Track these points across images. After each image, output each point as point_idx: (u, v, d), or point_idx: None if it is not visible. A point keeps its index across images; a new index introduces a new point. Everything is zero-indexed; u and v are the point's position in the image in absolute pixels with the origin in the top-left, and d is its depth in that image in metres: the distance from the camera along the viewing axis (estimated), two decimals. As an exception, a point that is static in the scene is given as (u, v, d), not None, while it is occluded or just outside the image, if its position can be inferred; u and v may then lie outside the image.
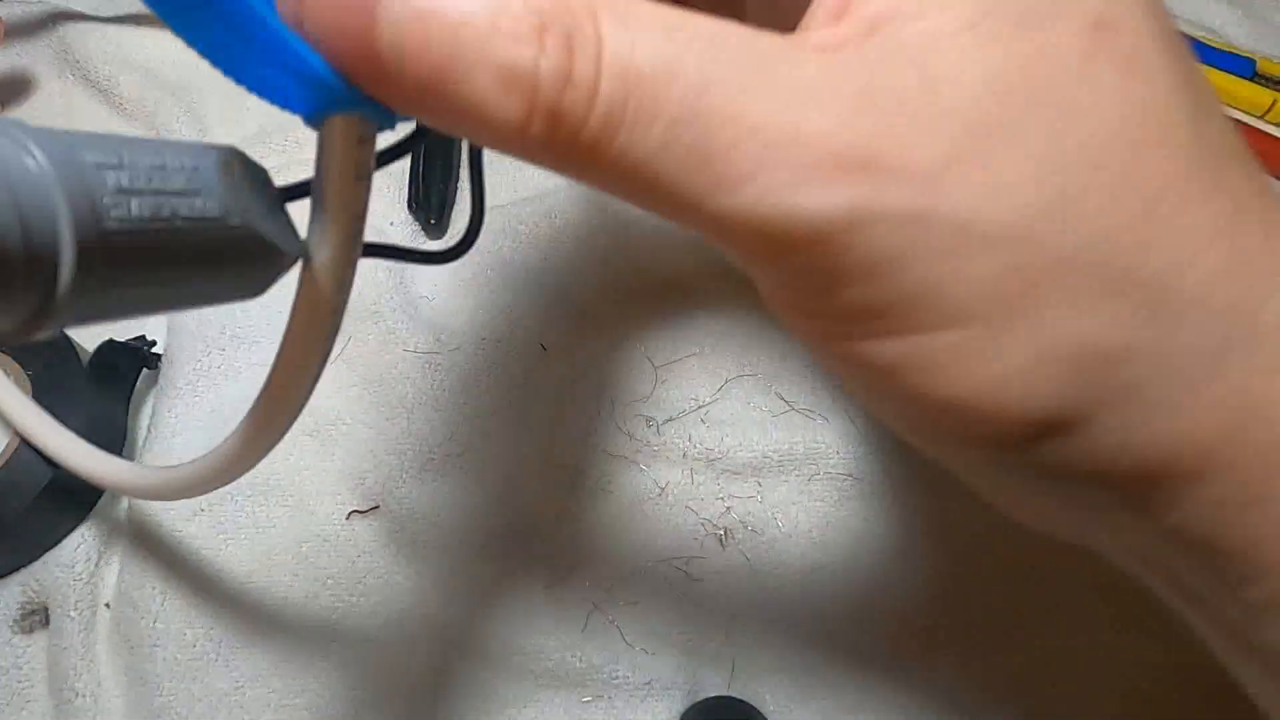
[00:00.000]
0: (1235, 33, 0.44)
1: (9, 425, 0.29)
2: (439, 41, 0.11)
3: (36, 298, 0.10)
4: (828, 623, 0.30)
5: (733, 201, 0.11)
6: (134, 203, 0.11)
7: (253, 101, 0.14)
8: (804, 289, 0.13)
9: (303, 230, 0.14)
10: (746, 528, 0.31)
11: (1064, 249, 0.11)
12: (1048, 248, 0.11)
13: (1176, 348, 0.12)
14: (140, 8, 0.39)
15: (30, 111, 0.38)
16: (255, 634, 0.29)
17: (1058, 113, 0.12)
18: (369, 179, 0.13)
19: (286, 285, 0.14)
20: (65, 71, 0.38)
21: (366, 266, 0.33)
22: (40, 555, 0.31)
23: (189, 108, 0.37)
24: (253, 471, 0.31)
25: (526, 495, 0.31)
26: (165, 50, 0.38)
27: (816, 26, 0.12)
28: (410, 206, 0.35)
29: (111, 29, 0.38)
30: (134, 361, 0.32)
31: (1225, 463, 0.12)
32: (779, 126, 0.11)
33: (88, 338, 0.33)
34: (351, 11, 0.11)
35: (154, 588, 0.29)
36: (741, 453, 0.32)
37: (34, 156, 0.10)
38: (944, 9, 0.12)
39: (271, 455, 0.30)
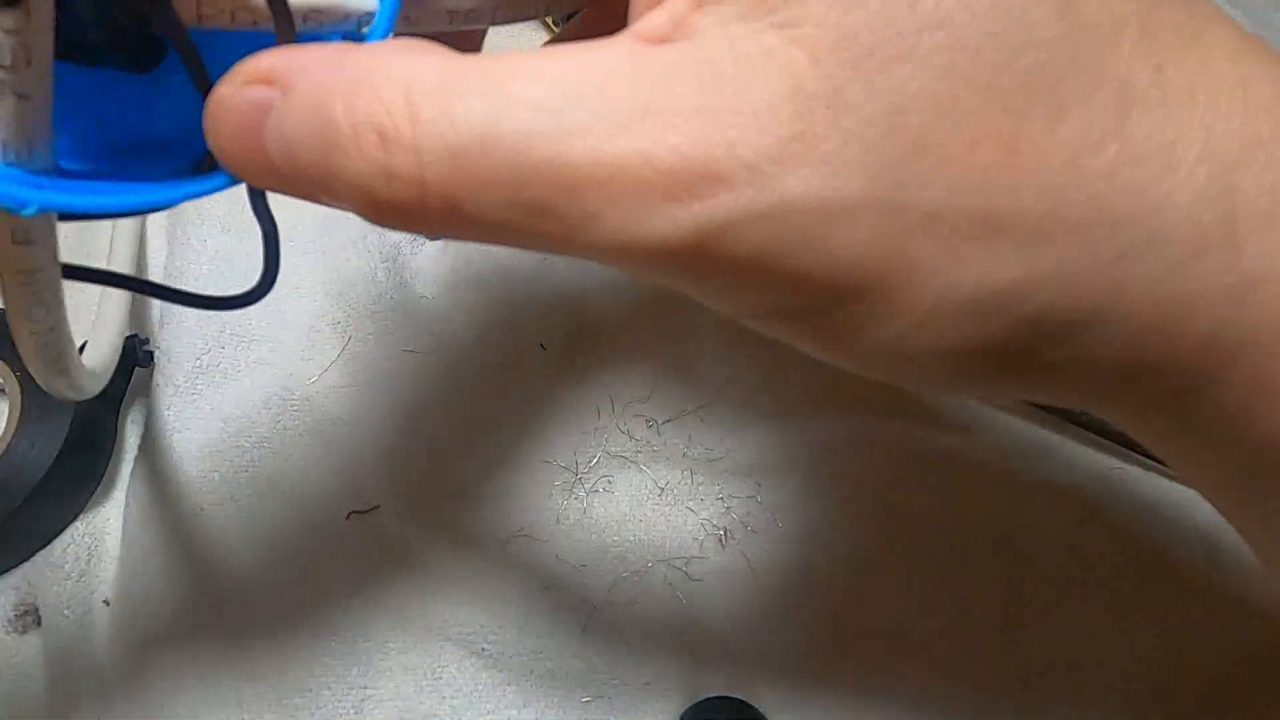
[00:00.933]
0: (1233, 34, 0.44)
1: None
2: (308, 165, 0.12)
3: None
4: (827, 622, 0.30)
5: (590, 239, 0.11)
6: None
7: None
8: (708, 295, 0.13)
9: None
10: (746, 528, 0.31)
11: (924, 204, 0.11)
12: (906, 208, 0.11)
13: (1089, 264, 0.11)
14: None
15: None
16: (255, 633, 0.29)
17: (882, 70, 0.11)
18: (39, 249, 0.14)
19: (286, 288, 0.14)
20: None
21: (367, 267, 0.33)
22: (31, 555, 0.31)
23: None
24: (253, 470, 0.31)
25: (526, 495, 0.31)
26: None
27: (639, 13, 0.12)
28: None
29: None
30: (127, 360, 0.32)
31: (1222, 354, 0.12)
32: (606, 164, 0.11)
33: (77, 335, 0.32)
34: (246, 134, 0.12)
35: (154, 586, 0.29)
36: (741, 453, 0.32)
37: None
38: None
39: (272, 455, 0.30)
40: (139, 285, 0.20)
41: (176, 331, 0.33)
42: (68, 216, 0.13)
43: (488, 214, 0.11)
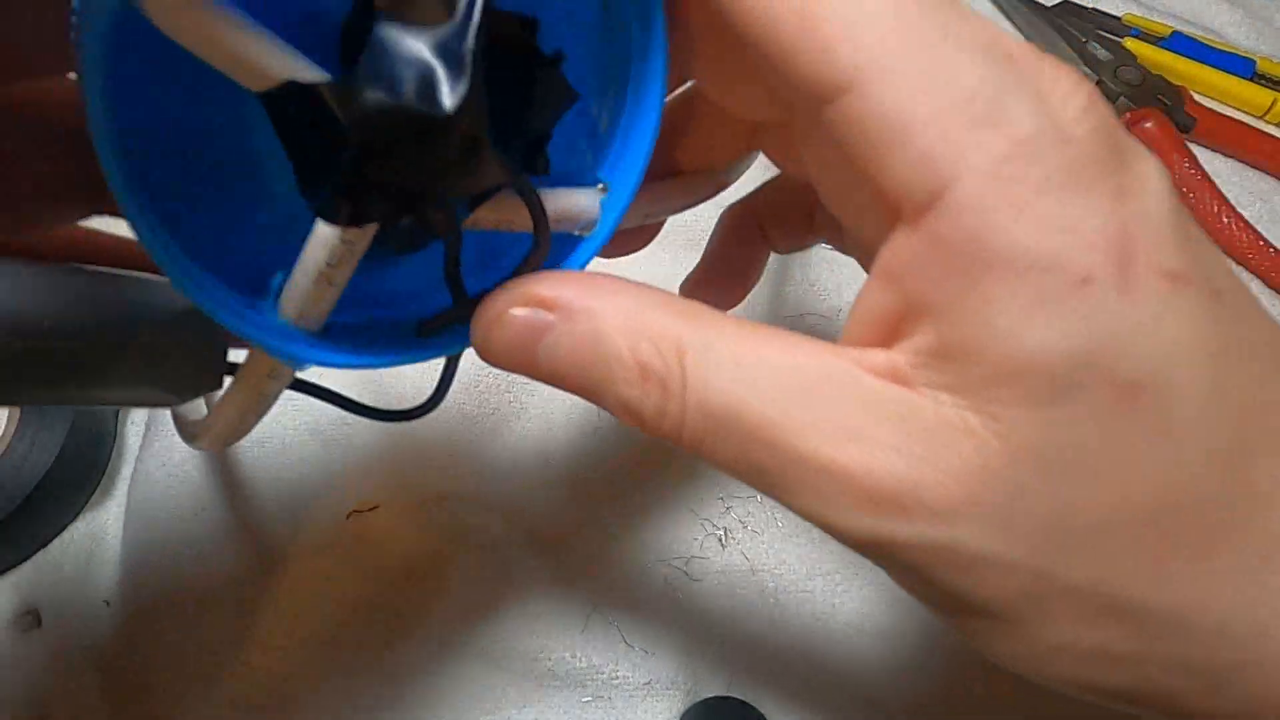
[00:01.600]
0: (1235, 33, 0.44)
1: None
2: (577, 379, 0.15)
3: None
4: (827, 623, 0.30)
5: (790, 503, 0.14)
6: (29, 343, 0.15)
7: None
8: (878, 564, 0.15)
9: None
10: (746, 528, 0.31)
11: (1071, 581, 0.13)
12: (1056, 579, 0.13)
13: (1187, 664, 0.14)
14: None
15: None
16: (255, 633, 0.29)
17: (1074, 475, 0.13)
18: (284, 381, 0.17)
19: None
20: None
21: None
22: (31, 555, 0.31)
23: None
24: (253, 470, 0.31)
25: (526, 497, 0.31)
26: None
27: (863, 341, 0.14)
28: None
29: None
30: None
31: None
32: (821, 463, 0.14)
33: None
34: (520, 349, 0.15)
35: (154, 586, 0.29)
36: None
37: None
38: (973, 373, 0.13)
39: (272, 455, 0.30)
40: (332, 397, 0.24)
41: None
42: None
43: (720, 458, 0.14)
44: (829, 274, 0.35)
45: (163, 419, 0.31)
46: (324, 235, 0.14)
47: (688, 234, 0.34)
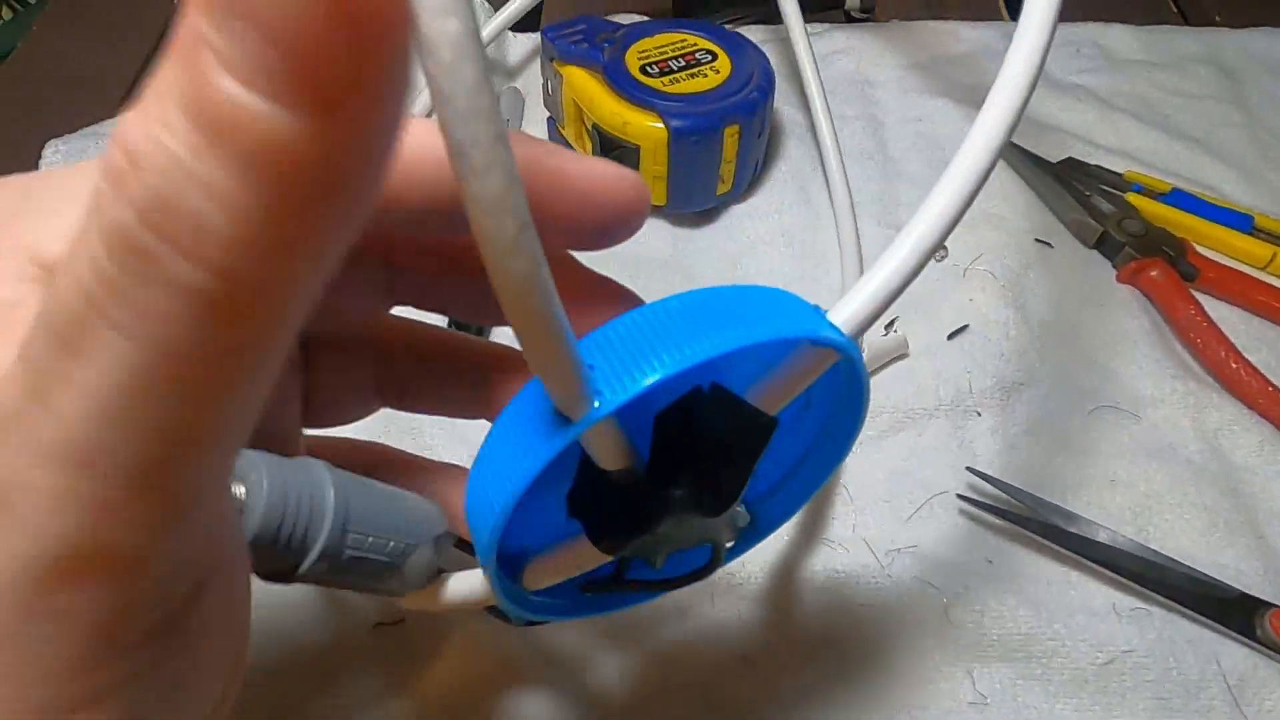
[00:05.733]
0: (1232, 190, 0.46)
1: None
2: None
3: (281, 565, 0.17)
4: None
5: None
6: (352, 553, 0.17)
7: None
8: None
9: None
10: (767, 649, 0.31)
11: None
12: None
13: None
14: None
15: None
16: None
17: None
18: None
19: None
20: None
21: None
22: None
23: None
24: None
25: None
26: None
27: None
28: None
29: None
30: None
31: None
32: None
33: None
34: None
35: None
36: (761, 578, 0.32)
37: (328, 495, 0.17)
38: None
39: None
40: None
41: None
42: None
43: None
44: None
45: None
46: (582, 548, 0.17)
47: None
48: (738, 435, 0.16)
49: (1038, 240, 0.43)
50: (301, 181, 0.09)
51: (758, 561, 0.32)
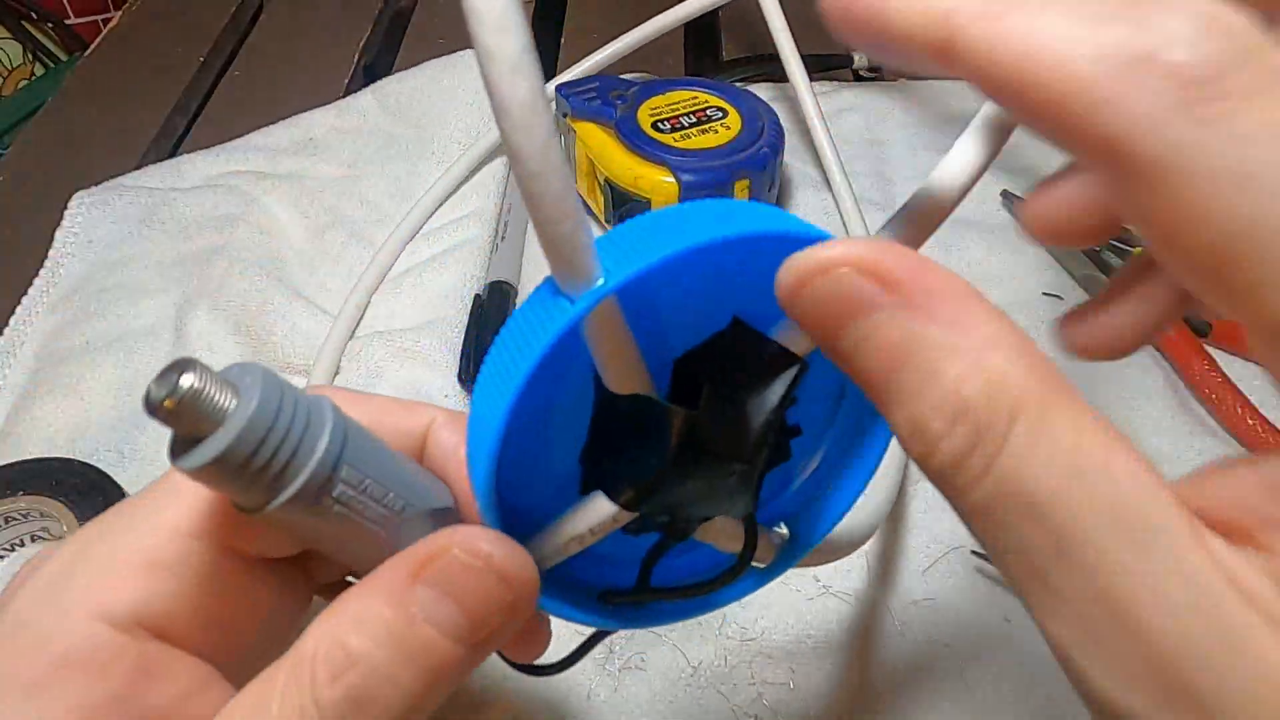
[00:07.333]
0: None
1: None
2: (877, 374, 0.13)
3: (261, 496, 0.15)
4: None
5: (1052, 631, 0.12)
6: (346, 491, 0.16)
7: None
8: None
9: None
10: (778, 716, 0.30)
11: None
12: None
13: None
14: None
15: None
16: None
17: None
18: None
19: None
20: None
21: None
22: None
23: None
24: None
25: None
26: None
27: (1213, 519, 0.12)
28: (461, 379, 0.37)
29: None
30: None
31: None
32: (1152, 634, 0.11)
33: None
34: (830, 317, 0.13)
35: None
36: (775, 635, 0.31)
37: (327, 429, 0.15)
38: None
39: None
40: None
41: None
42: None
43: (993, 540, 0.12)
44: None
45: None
46: (599, 508, 0.16)
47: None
48: (763, 372, 0.15)
49: (1046, 294, 0.43)
50: (452, 677, 0.16)
51: (770, 616, 0.32)
